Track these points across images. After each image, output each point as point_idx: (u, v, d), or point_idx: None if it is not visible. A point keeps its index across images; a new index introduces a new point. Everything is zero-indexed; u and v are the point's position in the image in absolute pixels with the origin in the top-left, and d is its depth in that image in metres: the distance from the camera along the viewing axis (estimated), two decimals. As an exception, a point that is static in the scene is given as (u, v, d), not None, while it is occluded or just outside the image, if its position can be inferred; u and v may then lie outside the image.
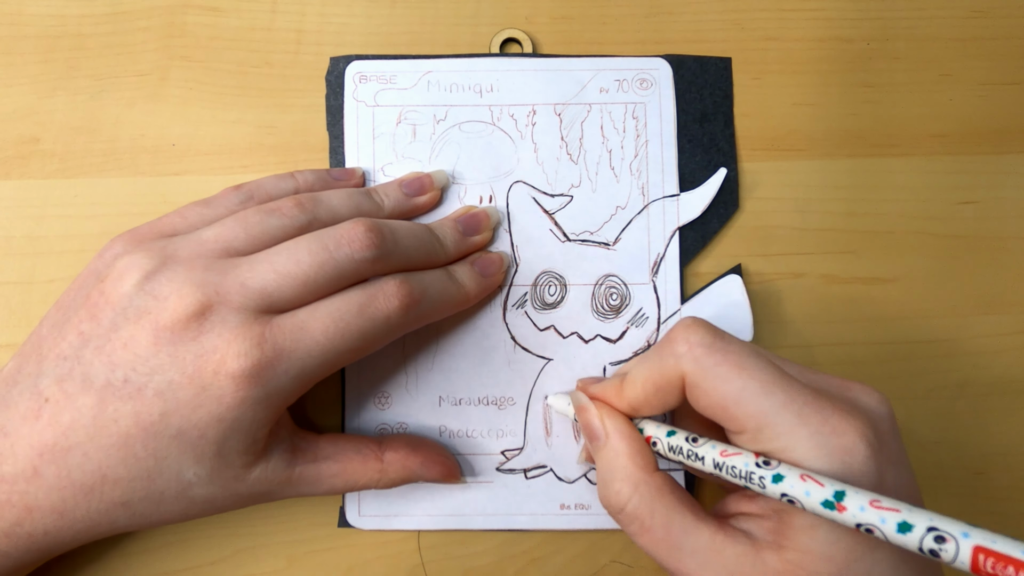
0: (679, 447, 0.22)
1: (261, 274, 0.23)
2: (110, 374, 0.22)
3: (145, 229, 0.25)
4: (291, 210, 0.25)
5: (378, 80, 0.30)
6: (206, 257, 0.23)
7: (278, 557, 0.28)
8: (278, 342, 0.22)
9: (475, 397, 0.29)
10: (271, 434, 0.24)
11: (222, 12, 0.31)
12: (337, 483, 0.25)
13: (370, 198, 0.27)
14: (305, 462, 0.25)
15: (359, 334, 0.23)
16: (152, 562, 0.28)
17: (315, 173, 0.28)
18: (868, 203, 0.30)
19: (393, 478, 0.26)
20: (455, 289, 0.26)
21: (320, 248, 0.23)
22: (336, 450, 0.25)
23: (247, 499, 0.24)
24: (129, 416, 0.21)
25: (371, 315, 0.23)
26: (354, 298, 0.23)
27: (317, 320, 0.22)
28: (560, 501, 0.28)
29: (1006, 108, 0.31)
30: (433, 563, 0.28)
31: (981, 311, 0.30)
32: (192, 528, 0.28)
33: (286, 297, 0.23)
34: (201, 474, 0.22)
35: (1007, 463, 0.29)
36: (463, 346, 0.29)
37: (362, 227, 0.23)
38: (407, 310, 0.24)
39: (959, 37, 0.31)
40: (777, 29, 0.31)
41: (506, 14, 0.31)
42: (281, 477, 0.24)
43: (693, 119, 0.30)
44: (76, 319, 0.23)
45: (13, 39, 0.31)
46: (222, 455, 0.22)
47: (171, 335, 0.22)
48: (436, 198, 0.29)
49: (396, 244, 0.24)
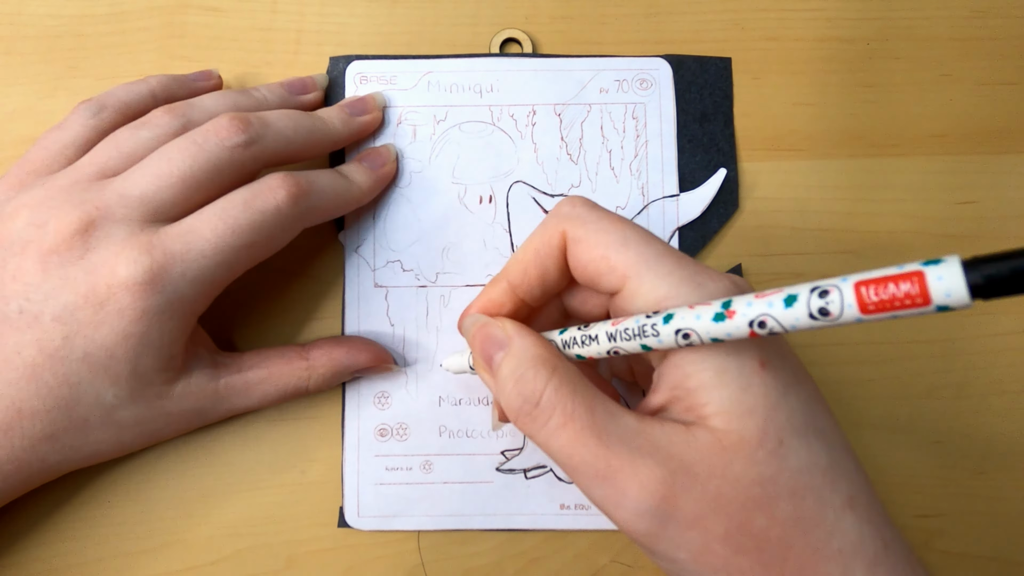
0: (572, 338, 0.21)
1: (137, 181, 0.23)
2: (4, 307, 0.22)
3: (15, 172, 0.25)
4: (161, 118, 0.24)
5: (378, 80, 0.30)
6: (84, 181, 0.23)
7: (278, 557, 0.28)
8: (167, 246, 0.22)
9: (475, 397, 0.29)
10: (188, 351, 0.24)
11: (222, 12, 0.31)
12: (268, 389, 0.25)
13: (249, 96, 0.27)
14: (229, 374, 0.25)
15: (249, 228, 0.23)
16: (152, 562, 0.28)
17: (168, 76, 0.28)
18: (868, 203, 0.30)
19: (322, 373, 0.26)
20: (346, 183, 0.26)
21: (188, 143, 0.23)
22: (260, 358, 0.26)
23: (179, 418, 0.24)
24: (31, 345, 0.21)
25: (259, 207, 0.23)
26: (239, 195, 0.23)
27: (204, 221, 0.22)
28: (560, 501, 0.28)
29: (1006, 108, 0.31)
30: (433, 563, 0.28)
31: (981, 311, 0.30)
32: (192, 528, 0.28)
33: (167, 200, 0.23)
34: (121, 395, 0.22)
35: (1007, 463, 0.29)
36: (463, 346, 0.29)
37: (227, 116, 0.24)
38: (295, 200, 0.23)
39: (959, 37, 0.31)
40: (777, 29, 0.31)
41: (506, 14, 0.31)
42: (207, 390, 0.24)
43: (693, 119, 0.30)
44: None
45: (13, 39, 0.31)
46: (138, 374, 0.22)
47: (58, 258, 0.22)
48: (320, 98, 0.29)
49: (267, 127, 0.24)
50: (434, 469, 0.28)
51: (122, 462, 0.28)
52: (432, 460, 0.28)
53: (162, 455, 0.28)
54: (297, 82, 0.28)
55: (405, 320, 0.29)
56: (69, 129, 0.25)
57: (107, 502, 0.28)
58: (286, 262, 0.29)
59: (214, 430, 0.29)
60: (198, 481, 0.28)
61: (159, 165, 0.23)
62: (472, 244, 0.29)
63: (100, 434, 0.23)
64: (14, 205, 0.23)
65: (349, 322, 0.29)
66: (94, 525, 0.28)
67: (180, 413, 0.24)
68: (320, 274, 0.30)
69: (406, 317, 0.29)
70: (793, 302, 0.16)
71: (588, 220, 0.21)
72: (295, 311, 0.29)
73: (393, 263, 0.29)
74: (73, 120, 0.25)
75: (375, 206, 0.29)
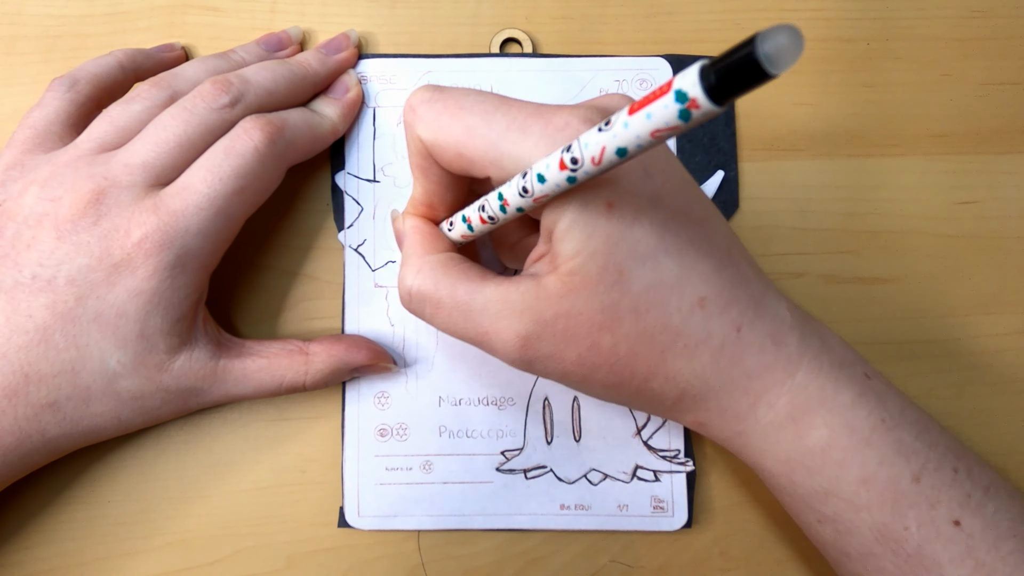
0: (468, 215, 0.23)
1: (138, 150, 0.24)
2: (17, 275, 0.23)
3: (9, 153, 0.26)
4: (149, 91, 0.26)
5: (379, 80, 0.30)
6: (87, 155, 0.24)
7: (278, 557, 0.28)
8: (169, 204, 0.23)
9: (475, 397, 0.29)
10: (195, 322, 0.25)
11: (222, 12, 0.31)
12: (264, 378, 0.26)
13: (227, 59, 0.28)
14: (230, 356, 0.26)
15: (234, 173, 0.24)
16: (152, 562, 0.28)
17: (132, 48, 0.29)
18: (868, 203, 0.30)
19: (320, 369, 0.26)
20: (317, 118, 0.27)
21: (180, 110, 0.25)
22: (261, 347, 0.26)
23: (176, 396, 0.25)
24: (44, 308, 0.22)
25: (239, 152, 0.24)
26: (220, 144, 0.24)
27: (195, 175, 0.24)
28: (560, 501, 0.28)
29: (1006, 108, 0.31)
30: (433, 563, 0.28)
31: (981, 311, 0.30)
32: (192, 528, 0.28)
33: (168, 164, 0.24)
34: (125, 361, 0.23)
35: (1007, 463, 0.29)
36: (463, 346, 0.29)
37: (209, 81, 0.25)
38: (271, 139, 0.25)
39: (959, 37, 0.31)
40: (777, 29, 0.31)
41: (506, 14, 0.31)
42: (206, 369, 0.25)
43: (693, 119, 0.30)
44: None
45: (13, 39, 0.31)
46: (145, 336, 0.23)
47: (72, 226, 0.23)
48: (297, 52, 0.30)
49: (247, 83, 0.26)
50: (434, 469, 0.28)
51: (122, 461, 0.28)
52: (432, 460, 0.28)
53: (162, 454, 0.28)
54: (273, 38, 0.29)
55: (405, 320, 0.29)
56: (48, 106, 0.26)
57: (107, 502, 0.28)
58: (286, 262, 0.29)
59: (214, 430, 0.29)
60: (198, 481, 0.28)
61: (156, 133, 0.24)
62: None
63: (100, 406, 0.24)
64: (22, 183, 0.24)
65: (349, 322, 0.29)
66: (94, 525, 0.28)
67: (177, 390, 0.25)
68: (320, 274, 0.30)
69: (406, 317, 0.29)
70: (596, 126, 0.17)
71: (430, 121, 0.22)
72: (295, 311, 0.29)
73: (393, 263, 0.29)
74: (50, 97, 0.26)
75: (375, 206, 0.29)
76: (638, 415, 0.29)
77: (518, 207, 0.20)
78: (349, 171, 0.29)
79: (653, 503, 0.28)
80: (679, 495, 0.28)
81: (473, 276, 0.22)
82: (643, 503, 0.28)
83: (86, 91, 0.27)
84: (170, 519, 0.28)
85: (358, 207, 0.29)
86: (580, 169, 0.17)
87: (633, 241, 0.20)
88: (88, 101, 0.27)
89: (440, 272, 0.22)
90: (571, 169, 0.17)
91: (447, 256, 0.23)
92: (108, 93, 0.27)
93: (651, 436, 0.28)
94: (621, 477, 0.28)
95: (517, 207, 0.20)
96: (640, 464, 0.28)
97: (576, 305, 0.21)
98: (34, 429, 0.23)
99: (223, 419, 0.29)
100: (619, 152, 0.16)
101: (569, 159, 0.17)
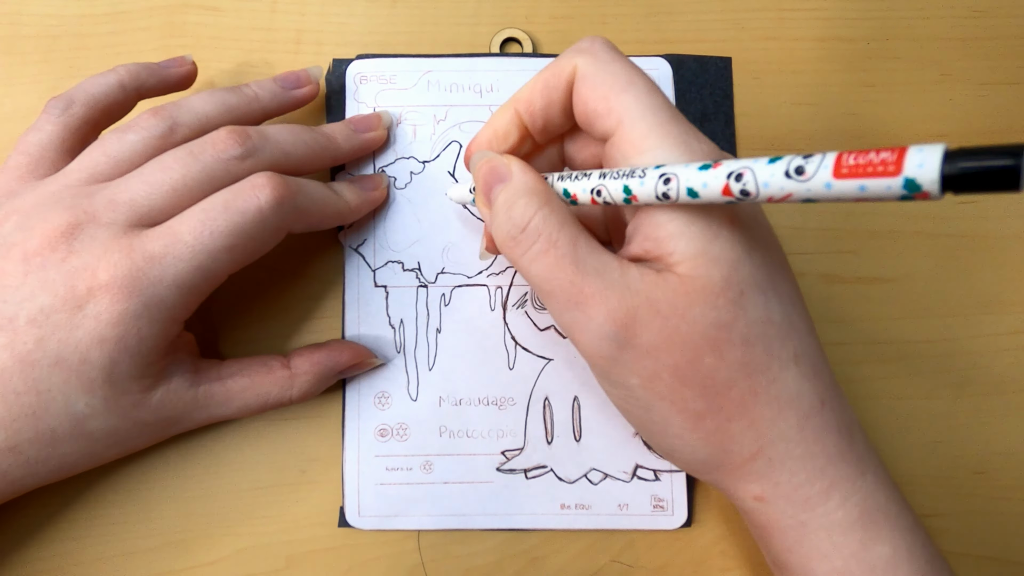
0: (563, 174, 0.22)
1: (130, 187, 0.23)
2: None
3: (3, 179, 0.24)
4: (148, 121, 0.24)
5: (378, 80, 0.30)
6: (75, 186, 0.23)
7: (278, 557, 0.28)
8: (147, 249, 0.21)
9: (475, 397, 0.29)
10: (168, 356, 0.23)
11: (222, 12, 0.31)
12: (249, 398, 0.25)
13: (239, 93, 0.26)
14: (209, 381, 0.24)
15: (227, 230, 0.22)
16: (152, 562, 0.28)
17: (138, 64, 0.27)
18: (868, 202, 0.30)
19: (306, 380, 0.26)
20: (333, 196, 0.26)
21: (186, 154, 0.23)
22: (242, 367, 0.25)
23: (154, 428, 0.24)
24: (3, 349, 0.21)
25: (239, 208, 0.22)
26: (220, 196, 0.23)
27: (184, 223, 0.22)
28: (560, 501, 0.28)
29: (1006, 108, 0.31)
30: (433, 563, 0.28)
31: (981, 311, 0.30)
32: (192, 528, 0.28)
33: (156, 207, 0.22)
34: (94, 404, 0.22)
35: (1007, 463, 0.29)
36: (463, 346, 0.29)
37: (225, 129, 0.24)
38: (279, 203, 0.23)
39: (959, 37, 0.31)
40: (777, 29, 0.31)
41: (506, 14, 0.31)
42: (186, 398, 0.24)
43: (693, 119, 0.30)
44: None
45: (13, 39, 0.31)
46: (113, 382, 0.22)
47: (40, 260, 0.21)
48: (315, 91, 0.28)
49: (266, 140, 0.24)
50: (434, 469, 0.28)
51: (122, 462, 0.28)
52: (432, 460, 0.28)
53: (162, 455, 0.28)
54: (291, 76, 0.28)
55: (405, 320, 0.29)
56: (42, 130, 0.25)
57: (107, 502, 0.28)
58: (286, 262, 0.29)
59: (214, 430, 0.29)
60: (198, 481, 0.28)
61: (153, 173, 0.23)
62: (472, 244, 0.29)
63: (68, 447, 0.22)
64: (5, 211, 0.23)
65: (349, 322, 0.29)
66: (94, 525, 0.28)
67: (155, 422, 0.24)
68: (320, 274, 0.30)
69: (406, 317, 0.29)
70: (776, 161, 0.16)
71: (601, 59, 0.21)
72: (295, 311, 0.29)
73: (393, 263, 0.29)
74: (44, 120, 0.25)
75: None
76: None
77: (639, 203, 0.20)
78: (349, 171, 0.29)
79: (653, 502, 0.28)
80: (679, 494, 0.28)
81: (592, 238, 0.21)
82: (643, 502, 0.28)
83: (81, 113, 0.25)
84: (170, 519, 0.28)
85: (358, 207, 0.29)
86: (746, 200, 0.17)
87: (752, 267, 0.20)
88: (84, 124, 0.25)
89: (568, 219, 0.21)
90: (736, 198, 0.17)
91: (568, 208, 0.22)
92: (106, 115, 0.26)
93: (651, 436, 0.28)
94: (621, 476, 0.28)
95: (639, 202, 0.20)
96: (640, 463, 0.28)
97: (693, 310, 0.19)
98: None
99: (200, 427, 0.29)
100: (806, 200, 0.16)
101: (739, 190, 0.17)
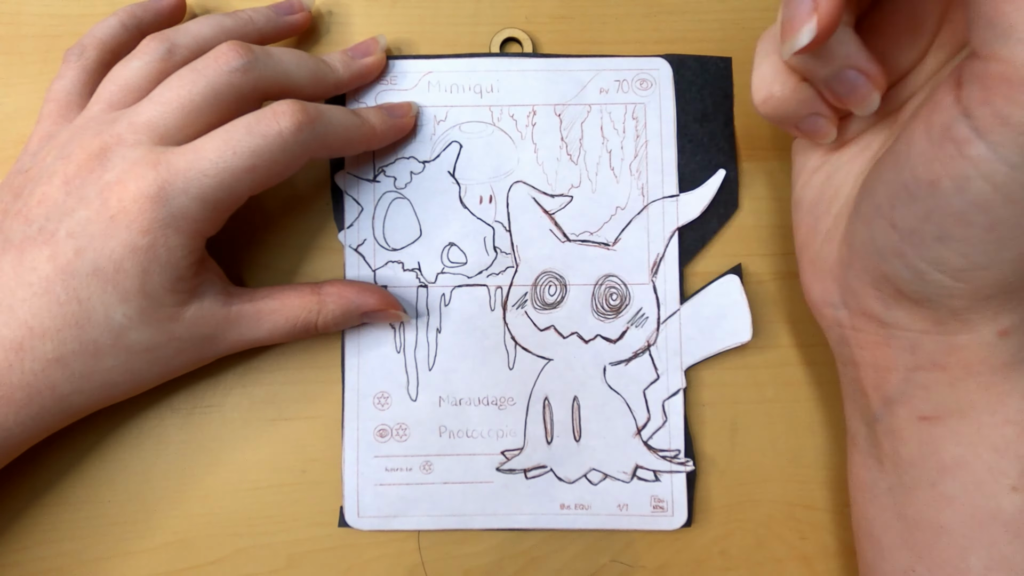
0: None
1: (145, 110, 0.24)
2: (27, 229, 0.23)
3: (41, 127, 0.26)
4: (147, 45, 0.26)
5: (378, 81, 0.30)
6: (98, 116, 0.25)
7: (278, 557, 0.28)
8: (173, 163, 0.23)
9: (475, 397, 0.29)
10: (199, 276, 0.25)
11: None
12: (278, 320, 0.26)
13: (234, 16, 0.28)
14: (241, 302, 0.26)
15: (250, 151, 0.23)
16: (152, 562, 0.28)
17: (132, 4, 0.29)
18: (868, 203, 0.30)
19: (332, 310, 0.26)
20: (358, 121, 0.27)
21: (189, 71, 0.24)
22: (272, 291, 0.26)
23: (189, 344, 0.25)
24: (46, 260, 0.23)
25: (261, 132, 0.23)
26: (243, 120, 0.24)
27: (209, 142, 0.23)
28: (560, 501, 0.28)
29: (1006, 108, 0.31)
30: (433, 563, 0.28)
31: (981, 311, 0.30)
32: (192, 528, 0.28)
33: (172, 125, 0.24)
34: (131, 314, 0.23)
35: (1007, 463, 0.29)
36: (463, 346, 0.29)
37: (228, 43, 0.25)
38: (300, 127, 0.24)
39: (959, 37, 0.31)
40: (777, 29, 0.31)
41: (506, 14, 0.31)
42: (218, 316, 0.25)
43: (693, 119, 0.30)
44: (1, 202, 0.24)
45: (13, 39, 0.31)
46: (147, 293, 0.23)
47: (79, 180, 0.23)
48: (308, 19, 0.30)
49: (268, 56, 0.25)
50: (434, 469, 0.28)
51: (122, 462, 0.28)
52: (432, 460, 0.28)
53: (162, 454, 0.28)
54: (284, 3, 0.29)
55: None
56: (64, 76, 0.27)
57: (107, 502, 0.28)
58: (286, 262, 0.29)
59: (214, 430, 0.29)
60: (198, 481, 0.28)
61: (163, 94, 0.24)
62: (472, 244, 0.29)
63: (111, 359, 0.23)
64: (46, 149, 0.25)
65: (349, 322, 0.29)
66: (94, 525, 0.28)
67: (190, 339, 0.25)
68: (320, 274, 0.30)
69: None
70: None
71: None
72: (295, 311, 0.29)
73: (393, 263, 0.29)
74: (65, 68, 0.27)
75: (375, 206, 0.29)
76: (638, 415, 0.29)
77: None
78: (349, 171, 0.29)
79: (653, 503, 0.28)
80: (679, 495, 0.28)
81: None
82: (643, 503, 0.28)
83: (94, 56, 0.27)
84: (170, 519, 0.28)
85: (358, 207, 0.29)
86: None
87: None
88: (99, 66, 0.27)
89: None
90: None
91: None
92: (115, 54, 0.28)
93: (651, 436, 0.28)
94: (621, 477, 0.28)
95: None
96: (640, 464, 0.28)
97: None
98: (44, 385, 0.23)
99: (223, 419, 0.29)
100: None
101: None
